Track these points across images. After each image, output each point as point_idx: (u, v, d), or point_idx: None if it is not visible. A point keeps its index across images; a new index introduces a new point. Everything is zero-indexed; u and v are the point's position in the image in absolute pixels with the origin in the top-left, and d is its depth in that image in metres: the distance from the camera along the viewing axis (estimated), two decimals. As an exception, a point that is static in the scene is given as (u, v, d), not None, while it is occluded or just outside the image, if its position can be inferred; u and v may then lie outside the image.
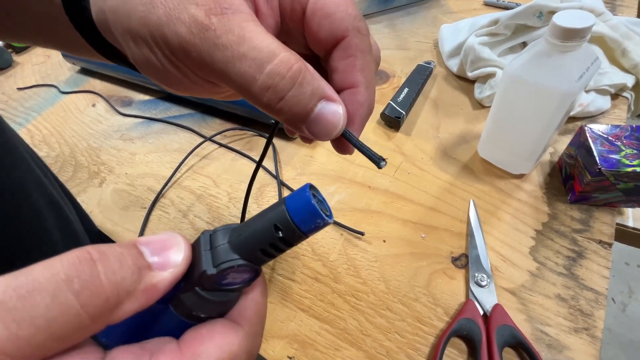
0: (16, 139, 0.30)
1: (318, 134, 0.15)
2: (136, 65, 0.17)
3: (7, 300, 0.09)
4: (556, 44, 0.26)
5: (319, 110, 0.14)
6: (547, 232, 0.33)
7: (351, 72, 0.16)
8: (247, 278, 0.14)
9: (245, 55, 0.13)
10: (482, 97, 0.43)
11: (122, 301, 0.11)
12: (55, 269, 0.10)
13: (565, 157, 0.35)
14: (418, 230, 0.35)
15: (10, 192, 0.27)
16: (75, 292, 0.10)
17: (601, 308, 0.28)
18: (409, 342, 0.28)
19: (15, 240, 0.27)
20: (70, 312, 0.10)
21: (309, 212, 0.13)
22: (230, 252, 0.13)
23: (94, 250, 0.11)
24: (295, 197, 0.13)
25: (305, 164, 0.43)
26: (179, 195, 0.42)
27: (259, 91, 0.14)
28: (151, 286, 0.12)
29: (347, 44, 0.15)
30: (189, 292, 0.13)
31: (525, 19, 0.41)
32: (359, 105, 0.16)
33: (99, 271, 0.10)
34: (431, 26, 0.58)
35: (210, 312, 0.14)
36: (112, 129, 0.53)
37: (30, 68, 0.70)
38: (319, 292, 0.32)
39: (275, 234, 0.13)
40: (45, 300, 0.09)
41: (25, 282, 0.10)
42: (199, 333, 0.13)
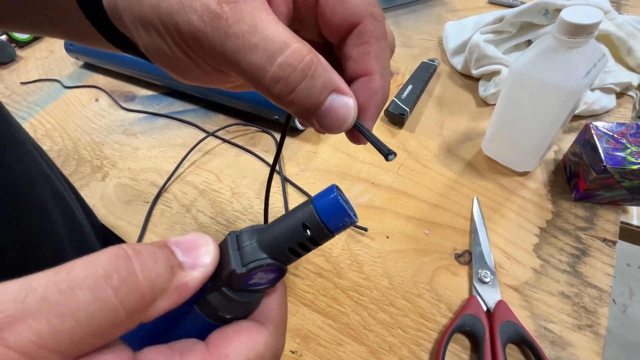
0: (22, 132, 0.30)
1: (328, 127, 0.15)
2: (147, 53, 0.17)
3: (49, 295, 0.09)
4: (563, 40, 0.26)
5: (329, 103, 0.14)
6: (551, 230, 0.33)
7: (366, 59, 0.15)
8: (273, 278, 0.14)
9: (256, 45, 0.13)
10: (486, 94, 0.43)
11: (156, 298, 0.11)
12: (94, 265, 0.10)
13: (569, 155, 0.35)
14: (421, 226, 0.35)
15: (18, 185, 0.27)
16: (114, 287, 0.10)
17: (605, 306, 0.28)
18: (412, 338, 0.28)
19: (23, 233, 0.27)
20: (108, 307, 0.10)
21: (337, 211, 0.13)
22: (258, 251, 0.13)
23: (129, 247, 0.11)
24: (322, 197, 0.13)
25: (308, 160, 0.43)
26: (182, 190, 0.42)
27: (269, 82, 0.14)
28: (183, 284, 0.12)
29: (362, 30, 0.15)
30: (216, 292, 0.13)
31: (530, 16, 0.41)
32: (373, 94, 0.15)
33: (135, 267, 0.11)
34: (435, 24, 0.58)
35: (236, 313, 0.14)
36: (115, 123, 0.53)
37: (34, 62, 0.70)
38: (322, 287, 0.32)
39: (304, 233, 0.13)
40: (86, 295, 0.10)
41: (66, 277, 0.10)
42: (226, 333, 0.13)
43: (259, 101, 0.46)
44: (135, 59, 0.56)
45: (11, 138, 0.28)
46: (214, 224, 0.38)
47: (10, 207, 0.26)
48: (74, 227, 0.33)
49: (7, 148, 0.27)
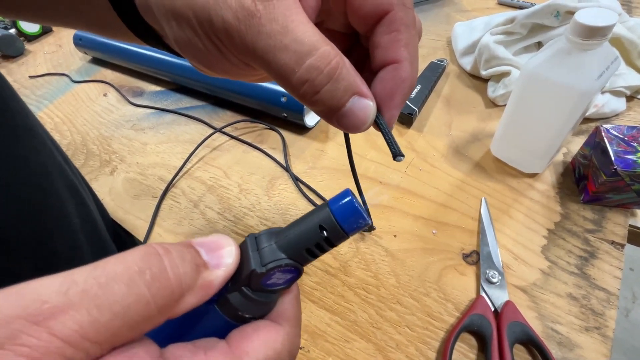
0: (39, 125, 0.30)
1: (348, 127, 0.16)
2: (177, 46, 0.17)
3: (89, 288, 0.10)
4: (577, 42, 0.26)
5: (350, 105, 0.15)
6: (559, 232, 0.33)
7: (395, 47, 0.15)
8: (290, 278, 0.15)
9: (287, 47, 0.14)
10: (495, 95, 0.43)
11: (184, 295, 0.12)
12: (128, 261, 0.11)
13: (579, 158, 0.35)
14: (429, 226, 0.35)
15: (35, 177, 0.27)
16: (147, 282, 0.11)
17: (612, 308, 0.28)
18: (419, 336, 0.29)
19: (39, 224, 0.27)
20: (142, 301, 0.11)
21: (352, 213, 0.14)
22: (277, 252, 0.14)
23: (159, 246, 0.12)
24: (338, 200, 0.14)
25: (316, 157, 0.43)
26: (190, 186, 0.42)
27: (296, 83, 0.14)
28: (208, 282, 0.12)
29: (392, 18, 0.15)
30: (236, 292, 0.14)
31: (542, 18, 0.41)
32: (401, 81, 0.16)
33: (165, 265, 0.11)
34: (444, 24, 0.58)
35: (254, 313, 0.15)
36: (123, 118, 0.53)
37: (42, 57, 0.71)
38: (330, 285, 0.32)
39: (321, 234, 0.14)
40: (122, 289, 0.10)
41: (103, 272, 0.10)
42: (245, 332, 0.14)
43: (267, 98, 0.46)
44: (144, 55, 0.56)
45: (28, 130, 0.28)
46: (222, 220, 0.39)
47: (27, 199, 0.26)
48: (88, 220, 0.33)
49: (24, 139, 0.27)
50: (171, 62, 0.53)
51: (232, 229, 0.38)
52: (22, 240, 0.25)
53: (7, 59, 0.71)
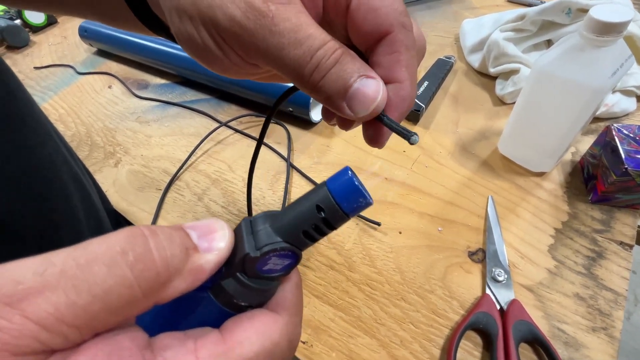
0: (44, 116, 0.30)
1: (357, 110, 0.15)
2: (177, 40, 0.17)
3: (68, 269, 0.09)
4: (591, 39, 0.26)
5: (358, 84, 0.15)
6: (567, 231, 0.32)
7: (396, 67, 0.16)
8: (288, 264, 0.14)
9: (301, 42, 0.14)
10: (503, 93, 0.43)
11: (172, 278, 0.11)
12: (111, 242, 0.10)
13: (588, 157, 0.35)
14: (435, 223, 0.34)
15: (41, 168, 0.27)
16: (129, 263, 0.10)
17: (620, 309, 0.28)
18: (423, 333, 0.28)
19: (45, 215, 0.27)
20: (124, 283, 0.10)
21: (351, 190, 0.12)
22: (273, 235, 0.13)
23: (145, 227, 0.11)
24: (336, 178, 0.13)
25: (321, 153, 0.43)
26: (194, 179, 0.42)
27: (307, 73, 0.14)
28: (198, 266, 0.12)
29: (392, 39, 0.15)
30: (230, 278, 0.13)
31: (553, 15, 0.41)
32: (402, 100, 0.16)
33: (150, 246, 0.11)
34: (452, 21, 0.58)
35: (251, 301, 0.14)
36: (128, 111, 0.53)
37: (47, 48, 0.70)
38: (334, 280, 0.32)
39: (318, 214, 0.13)
40: (102, 270, 0.10)
41: (83, 252, 0.10)
42: (240, 321, 0.13)
43: (272, 92, 0.46)
44: (149, 47, 0.56)
45: (34, 121, 0.28)
46: (226, 214, 0.38)
47: (33, 189, 0.26)
48: (92, 211, 0.33)
49: (30, 131, 0.27)
50: (177, 55, 0.53)
51: (236, 223, 0.38)
52: (28, 230, 0.25)
53: (12, 50, 0.71)
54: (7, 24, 0.68)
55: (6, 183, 0.24)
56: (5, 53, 0.70)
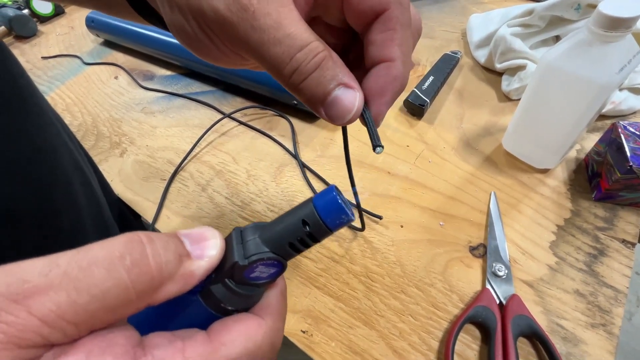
0: (46, 103, 0.31)
1: (333, 117, 0.16)
2: (170, 29, 0.17)
3: (70, 270, 0.10)
4: (599, 34, 0.26)
5: (336, 93, 0.15)
6: (569, 228, 0.32)
7: (389, 45, 0.16)
8: (273, 272, 0.15)
9: (280, 41, 0.14)
10: (509, 89, 0.42)
11: (165, 283, 0.12)
12: (111, 247, 0.11)
13: (593, 154, 0.35)
14: (436, 217, 0.35)
15: (42, 154, 0.27)
16: (126, 267, 0.11)
17: (620, 306, 0.28)
18: (422, 325, 0.29)
19: (45, 202, 0.27)
20: (121, 285, 0.11)
21: (335, 209, 0.14)
22: (260, 245, 0.14)
23: (143, 234, 0.12)
24: (321, 196, 0.14)
25: (325, 146, 0.43)
26: (198, 170, 0.43)
27: (287, 73, 0.15)
28: (190, 272, 0.13)
29: (388, 16, 0.15)
30: (219, 284, 0.14)
31: (562, 10, 0.40)
32: (393, 79, 0.16)
33: (147, 252, 0.11)
34: (459, 15, 0.57)
35: (237, 305, 0.15)
36: (133, 101, 0.54)
37: (55, 38, 0.71)
38: (335, 272, 0.32)
39: (304, 228, 0.14)
40: (102, 273, 0.10)
41: (85, 256, 0.11)
42: (226, 323, 0.14)
43: (277, 85, 0.45)
44: (155, 38, 0.56)
45: (37, 107, 0.28)
46: (229, 205, 0.39)
47: (34, 174, 0.26)
48: (92, 199, 0.33)
49: (32, 117, 0.27)
50: (182, 47, 0.53)
51: (239, 214, 0.38)
52: (28, 215, 0.26)
53: (20, 40, 0.71)
54: (15, 13, 0.69)
55: (7, 167, 0.24)
56: (13, 42, 0.71)
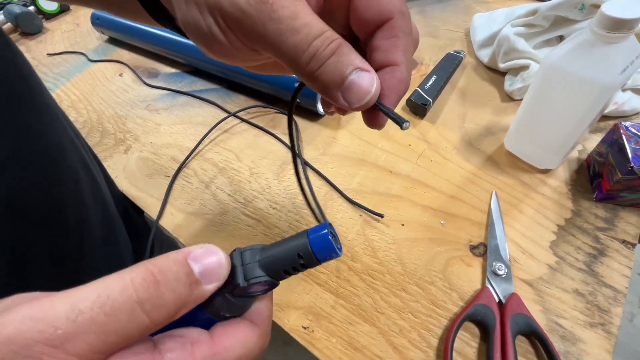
0: (52, 101, 0.31)
1: (351, 100, 0.16)
2: (183, 25, 0.18)
3: (96, 316, 0.12)
4: (602, 35, 0.26)
5: (353, 77, 0.15)
6: (570, 228, 0.32)
7: (393, 51, 0.16)
8: (267, 288, 0.17)
9: (297, 30, 0.15)
10: (512, 89, 0.42)
11: (179, 311, 0.14)
12: (128, 290, 0.13)
13: (594, 155, 0.35)
14: (437, 216, 0.35)
15: (50, 150, 0.28)
16: (146, 312, 0.13)
17: (619, 306, 0.28)
18: (422, 323, 0.29)
19: (52, 197, 0.28)
20: (142, 325, 0.13)
21: (327, 247, 0.16)
22: (258, 269, 0.17)
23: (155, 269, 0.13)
24: (316, 232, 0.16)
25: (327, 144, 0.43)
26: (201, 167, 0.43)
27: (304, 60, 0.15)
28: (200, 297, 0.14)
29: (392, 24, 0.16)
30: (220, 297, 0.16)
31: (566, 10, 0.40)
32: (397, 82, 0.17)
33: (162, 292, 0.13)
34: (463, 15, 0.57)
35: (233, 313, 0.17)
36: (138, 99, 0.54)
37: (60, 35, 0.71)
38: (336, 269, 0.33)
39: (298, 260, 0.16)
40: (125, 318, 0.12)
41: (107, 301, 0.12)
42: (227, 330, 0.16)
43: (280, 83, 0.46)
44: (160, 36, 0.56)
45: (44, 104, 0.28)
46: (232, 202, 0.39)
47: (41, 171, 0.27)
48: (98, 195, 0.34)
49: (40, 114, 0.28)
50: (187, 45, 0.54)
51: (242, 211, 0.38)
52: (36, 210, 0.26)
53: (26, 36, 0.72)
54: (22, 10, 0.69)
55: (16, 163, 0.25)
56: (19, 39, 0.72)
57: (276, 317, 0.30)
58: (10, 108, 0.25)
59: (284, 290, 0.32)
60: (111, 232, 0.35)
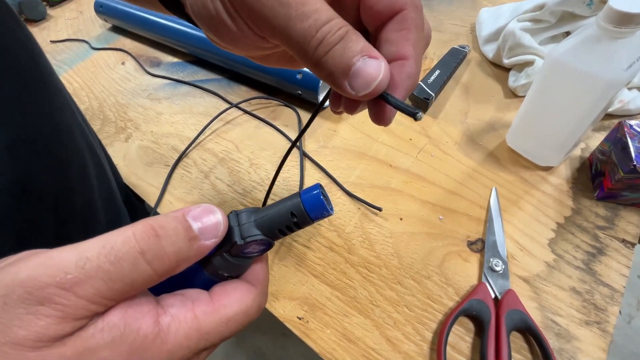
0: (61, 85, 0.31)
1: (358, 88, 0.15)
2: (192, 10, 0.17)
3: (102, 264, 0.13)
4: (608, 29, 0.25)
5: (361, 63, 0.15)
6: (569, 226, 0.32)
7: (403, 44, 0.16)
8: (263, 249, 0.18)
9: (307, 15, 0.14)
10: (516, 85, 0.42)
11: (180, 264, 0.15)
12: (131, 242, 0.13)
13: (597, 153, 0.34)
14: (436, 211, 0.35)
15: (60, 134, 0.28)
16: (148, 261, 0.14)
17: (616, 305, 0.28)
18: (417, 317, 0.29)
19: (61, 179, 0.28)
20: (145, 274, 0.14)
21: (318, 205, 0.17)
22: (254, 229, 0.17)
23: (155, 224, 0.14)
24: (308, 192, 0.17)
25: (328, 137, 0.43)
26: (201, 157, 0.43)
27: (311, 47, 0.15)
28: (199, 252, 0.15)
29: (404, 17, 0.16)
30: (218, 256, 0.17)
31: (573, 6, 0.39)
32: (406, 77, 0.16)
33: (163, 245, 0.14)
34: (469, 9, 0.56)
35: (231, 272, 0.18)
36: (140, 87, 0.54)
37: (63, 22, 0.71)
38: (332, 261, 0.33)
39: (291, 218, 0.17)
40: (129, 267, 0.13)
41: (111, 251, 0.13)
42: (226, 289, 0.17)
43: (282, 74, 0.46)
44: (163, 25, 0.56)
45: (54, 88, 0.28)
46: (231, 192, 0.39)
47: (52, 153, 0.27)
48: (104, 180, 0.34)
49: (51, 97, 0.28)
50: (189, 34, 0.53)
51: (241, 201, 0.38)
52: (45, 192, 0.26)
53: (30, 23, 0.72)
54: (25, -4, 0.69)
55: (26, 145, 0.25)
56: (23, 26, 0.71)
57: (271, 307, 0.31)
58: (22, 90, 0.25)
59: (280, 280, 0.32)
60: (116, 218, 0.36)
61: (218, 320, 0.15)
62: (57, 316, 0.12)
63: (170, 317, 0.14)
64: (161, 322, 0.14)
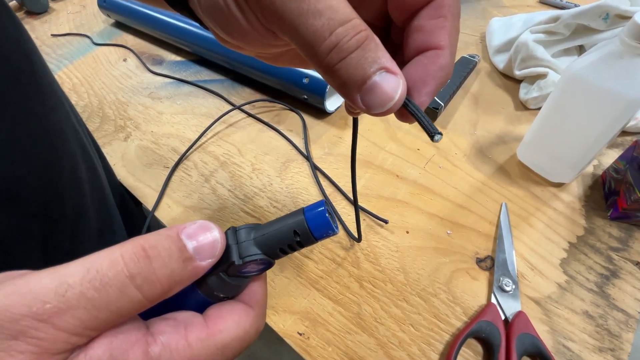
0: (56, 84, 0.30)
1: (371, 105, 0.14)
2: (200, 7, 0.16)
3: (86, 291, 0.12)
4: (632, 46, 0.24)
5: (376, 78, 0.13)
6: (581, 246, 0.31)
7: (439, 33, 0.14)
8: (262, 268, 0.17)
9: (321, 12, 0.13)
10: (527, 98, 0.41)
11: (173, 288, 0.14)
12: (119, 265, 0.12)
13: (611, 171, 0.33)
14: (444, 225, 0.34)
15: (51, 136, 0.26)
16: (138, 286, 0.12)
17: (630, 331, 0.27)
18: (423, 336, 0.28)
19: (51, 184, 0.26)
20: (134, 301, 0.12)
21: (323, 223, 0.16)
22: (254, 247, 0.16)
23: (146, 244, 0.13)
24: (312, 210, 0.16)
25: (333, 144, 0.42)
26: (202, 160, 0.42)
27: (323, 50, 0.13)
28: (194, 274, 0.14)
29: (440, 3, 0.14)
30: (214, 276, 0.16)
31: (589, 19, 0.39)
32: (439, 68, 0.15)
33: (154, 268, 0.13)
34: (480, 19, 0.56)
35: (227, 293, 0.17)
36: (141, 85, 0.53)
37: (65, 16, 0.70)
38: (336, 274, 0.31)
39: (294, 237, 0.16)
40: (116, 293, 0.12)
41: (96, 276, 0.12)
42: (221, 312, 0.15)
43: (288, 78, 0.44)
44: (167, 22, 0.55)
45: (48, 88, 0.27)
46: (232, 198, 0.38)
47: (41, 157, 0.26)
48: (97, 185, 0.33)
49: (43, 97, 0.26)
50: (193, 32, 0.52)
51: (241, 208, 0.37)
52: (32, 198, 0.25)
53: (31, 16, 0.70)
54: (27, -12, 0.68)
55: (14, 148, 0.24)
56: (24, 18, 0.70)
57: (271, 321, 0.29)
58: (12, 89, 0.23)
59: (280, 292, 0.31)
60: (108, 223, 0.34)
61: (213, 348, 0.14)
62: (32, 352, 0.11)
63: (161, 347, 0.13)
64: (151, 352, 0.13)
